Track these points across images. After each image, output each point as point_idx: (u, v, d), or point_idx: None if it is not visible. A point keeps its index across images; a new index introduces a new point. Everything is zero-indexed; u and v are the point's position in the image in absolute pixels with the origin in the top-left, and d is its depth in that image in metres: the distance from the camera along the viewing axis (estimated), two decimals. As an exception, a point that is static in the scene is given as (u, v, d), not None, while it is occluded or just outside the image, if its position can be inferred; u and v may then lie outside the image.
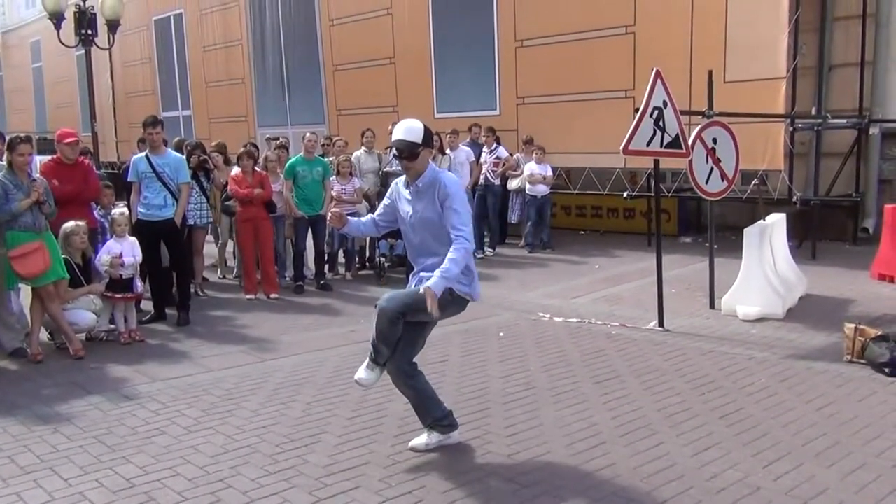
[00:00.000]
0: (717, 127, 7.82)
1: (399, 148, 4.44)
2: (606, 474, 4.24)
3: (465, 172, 11.66)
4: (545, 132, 12.61)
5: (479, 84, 13.90)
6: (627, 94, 11.65)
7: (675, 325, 7.40)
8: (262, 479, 4.26)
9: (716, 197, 7.96)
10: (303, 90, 17.13)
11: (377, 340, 4.44)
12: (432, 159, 11.91)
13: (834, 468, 4.26)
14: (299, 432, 4.93)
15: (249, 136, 17.34)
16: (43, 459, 4.60)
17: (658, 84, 7.11)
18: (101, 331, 7.36)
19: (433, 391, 4.66)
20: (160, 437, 4.90)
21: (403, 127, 4.49)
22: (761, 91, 10.52)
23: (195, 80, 19.94)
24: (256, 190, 9.01)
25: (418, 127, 4.47)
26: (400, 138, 4.44)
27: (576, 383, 5.80)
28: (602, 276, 10.12)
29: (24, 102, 27.37)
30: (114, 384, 6.05)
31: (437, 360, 6.40)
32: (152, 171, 7.87)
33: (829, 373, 5.91)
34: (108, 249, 7.30)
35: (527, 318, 7.93)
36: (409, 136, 4.43)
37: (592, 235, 13.97)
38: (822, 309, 7.93)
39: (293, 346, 7.09)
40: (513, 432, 4.87)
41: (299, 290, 9.49)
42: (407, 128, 4.47)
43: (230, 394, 5.73)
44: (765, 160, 10.61)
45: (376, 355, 4.50)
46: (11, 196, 6.47)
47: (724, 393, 5.51)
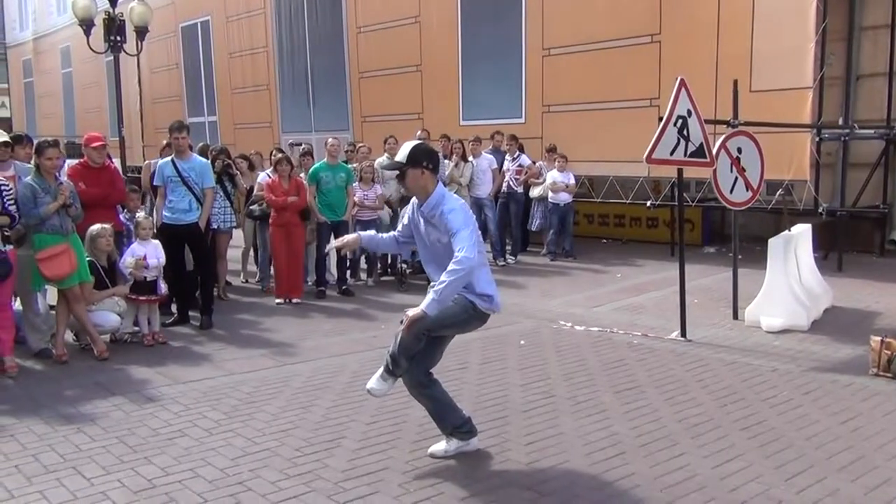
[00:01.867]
0: (742, 136, 7.77)
1: (391, 168, 4.63)
2: (626, 484, 4.21)
3: (488, 179, 11.68)
4: (569, 140, 12.60)
5: (505, 92, 13.92)
6: (652, 102, 11.60)
7: (697, 335, 7.34)
8: (282, 483, 4.27)
9: (740, 207, 7.91)
10: (328, 97, 17.25)
11: (397, 353, 4.43)
12: (455, 167, 11.92)
13: (858, 482, 4.20)
14: (319, 436, 4.95)
15: (274, 142, 17.48)
16: (66, 459, 4.65)
17: (682, 93, 7.07)
18: (125, 333, 7.43)
19: (450, 399, 4.65)
20: (181, 439, 4.94)
21: (399, 148, 4.62)
22: (787, 101, 10.44)
23: (221, 87, 20.14)
24: (291, 197, 9.07)
25: (406, 147, 4.52)
26: (394, 160, 4.61)
27: (596, 393, 5.77)
28: (624, 286, 10.07)
29: (53, 107, 27.78)
30: (137, 385, 6.11)
31: (457, 368, 6.39)
32: (178, 176, 7.95)
33: (854, 386, 5.84)
34: (133, 252, 7.38)
35: (548, 326, 7.90)
36: (398, 157, 4.53)
37: (615, 244, 13.91)
38: (848, 321, 7.83)
39: (314, 350, 7.12)
40: (532, 440, 4.85)
41: (321, 296, 9.53)
42: (401, 148, 4.57)
43: (251, 397, 5.77)
44: (790, 170, 10.52)
45: (393, 366, 4.47)
46: (40, 200, 6.56)
47: (746, 405, 5.46)
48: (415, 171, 4.45)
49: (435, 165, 4.53)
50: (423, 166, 4.44)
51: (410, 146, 4.52)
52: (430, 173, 4.47)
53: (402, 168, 4.47)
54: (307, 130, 17.46)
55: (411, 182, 4.48)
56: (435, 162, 4.55)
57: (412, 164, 4.44)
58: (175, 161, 8.02)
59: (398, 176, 4.61)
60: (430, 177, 4.47)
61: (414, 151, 4.47)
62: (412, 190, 4.54)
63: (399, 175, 4.57)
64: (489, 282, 4.52)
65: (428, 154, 4.52)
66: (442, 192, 4.50)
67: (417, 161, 4.44)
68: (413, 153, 4.45)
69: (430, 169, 4.46)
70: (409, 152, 4.46)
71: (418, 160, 4.44)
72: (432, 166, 4.49)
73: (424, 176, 4.45)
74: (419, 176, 4.45)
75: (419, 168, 4.44)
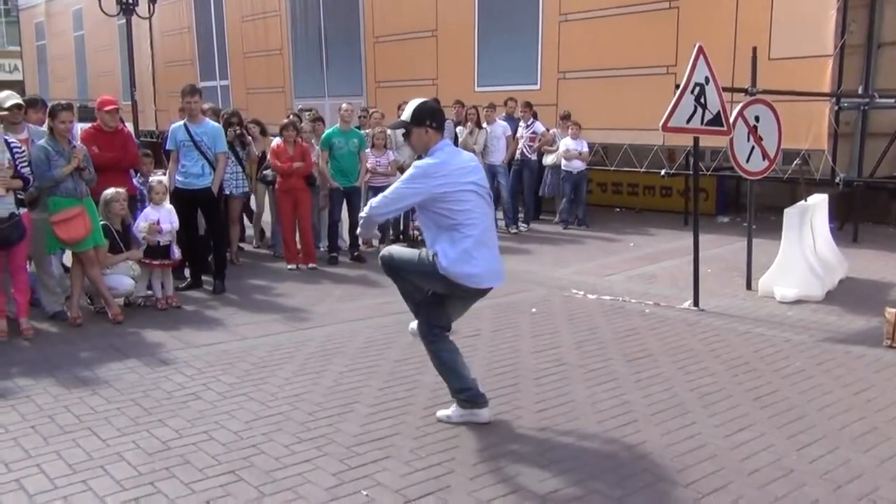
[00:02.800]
0: (759, 105, 7.66)
1: (396, 127, 4.70)
2: (637, 452, 4.22)
3: (502, 146, 11.61)
4: (584, 108, 12.48)
5: (520, 58, 13.76)
6: (669, 70, 11.45)
7: (710, 305, 7.32)
8: (294, 446, 4.31)
9: (756, 176, 7.83)
10: (341, 62, 17.11)
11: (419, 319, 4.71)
12: (469, 134, 11.84)
13: (870, 453, 4.19)
14: (331, 401, 4.98)
15: (286, 106, 17.40)
16: (82, 420, 4.70)
17: (700, 60, 6.97)
18: (139, 296, 7.48)
19: (454, 362, 4.60)
20: (195, 402, 4.98)
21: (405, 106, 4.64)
22: (807, 69, 10.28)
23: (233, 51, 20.01)
24: (296, 164, 9.03)
25: (411, 106, 4.54)
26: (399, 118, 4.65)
27: (608, 361, 5.77)
28: (637, 255, 10.03)
29: (66, 70, 27.69)
30: (150, 349, 6.16)
31: (469, 335, 6.40)
32: (190, 140, 7.93)
33: (867, 357, 5.81)
34: (146, 216, 7.39)
35: (560, 294, 7.90)
36: (403, 115, 4.56)
37: (628, 213, 13.84)
38: (863, 292, 7.79)
39: (326, 316, 7.14)
40: (543, 408, 4.86)
41: (333, 261, 9.54)
42: (406, 107, 4.57)
43: (263, 361, 5.80)
44: (808, 140, 10.40)
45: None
46: (53, 162, 6.57)
47: (758, 375, 5.45)
48: (419, 130, 4.48)
49: (439, 124, 4.53)
50: (427, 125, 4.47)
51: (415, 104, 4.54)
52: (434, 131, 4.49)
53: (407, 126, 4.52)
54: (320, 95, 17.35)
55: (415, 140, 4.53)
56: (439, 120, 4.54)
57: (416, 122, 4.48)
58: (188, 125, 7.99)
59: (404, 134, 4.67)
60: (433, 135, 4.49)
61: (418, 110, 4.49)
62: (416, 148, 4.60)
63: (405, 133, 4.62)
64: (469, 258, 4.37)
65: (432, 112, 4.52)
66: (443, 148, 4.49)
67: (421, 120, 4.47)
68: (417, 112, 4.48)
69: (433, 127, 4.49)
70: (413, 111, 4.49)
71: (422, 119, 4.47)
72: (436, 125, 4.50)
73: (429, 134, 4.48)
74: (423, 134, 4.49)
75: (423, 127, 4.47)
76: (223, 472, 4.01)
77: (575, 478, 3.92)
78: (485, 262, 4.44)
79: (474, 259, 4.40)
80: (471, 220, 4.41)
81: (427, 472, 3.99)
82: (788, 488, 3.80)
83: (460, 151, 4.79)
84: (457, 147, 5.03)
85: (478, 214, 4.45)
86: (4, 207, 6.16)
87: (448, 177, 4.37)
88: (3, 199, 6.14)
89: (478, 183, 4.53)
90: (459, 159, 4.57)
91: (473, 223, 4.42)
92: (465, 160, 4.61)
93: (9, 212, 6.18)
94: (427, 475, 3.96)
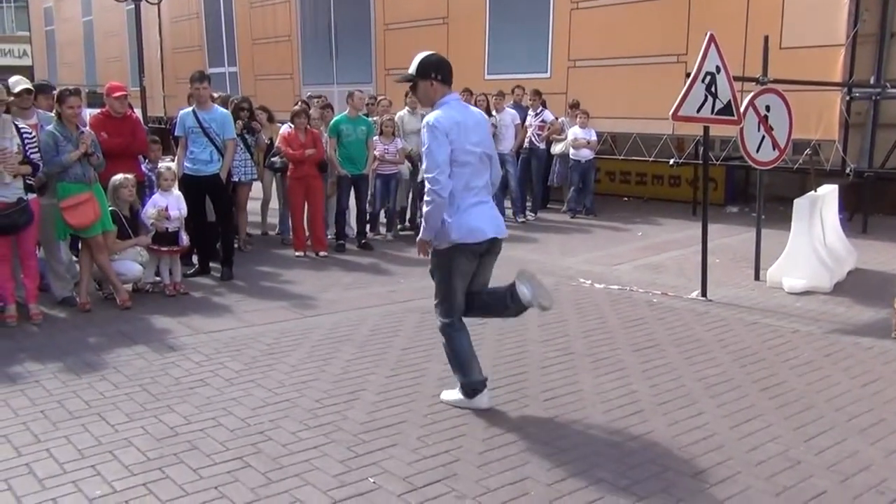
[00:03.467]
0: (771, 94, 7.61)
1: (402, 80, 4.62)
2: (643, 442, 4.22)
3: (510, 135, 11.56)
4: (594, 96, 12.43)
5: (531, 46, 13.71)
6: (679, 58, 11.40)
7: (718, 295, 7.30)
8: (301, 433, 4.32)
9: (766, 166, 7.79)
10: (351, 49, 17.06)
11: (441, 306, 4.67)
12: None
13: (878, 445, 4.18)
14: (338, 389, 4.99)
15: (295, 93, 17.37)
16: (90, 405, 4.72)
17: (712, 49, 6.92)
18: (147, 283, 7.50)
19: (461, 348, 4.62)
20: (203, 388, 5.00)
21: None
22: (818, 58, 10.21)
23: (242, 37, 19.98)
24: (308, 151, 9.02)
25: (418, 58, 4.55)
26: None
27: (615, 351, 5.76)
28: (645, 244, 10.00)
29: (74, 55, 27.70)
30: (159, 335, 6.18)
31: (476, 323, 6.37)
32: (199, 127, 7.92)
33: (876, 349, 5.79)
34: (154, 203, 7.40)
35: (567, 283, 7.88)
36: (410, 69, 4.55)
37: (636, 202, 13.80)
38: (872, 284, 7.75)
39: (334, 303, 7.15)
40: (550, 397, 4.86)
41: (341, 249, 9.55)
42: (413, 60, 4.57)
43: (271, 348, 5.81)
44: (819, 130, 10.33)
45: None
46: (62, 148, 6.57)
47: (766, 365, 5.44)
48: (424, 83, 4.51)
49: (444, 76, 4.52)
50: (433, 77, 4.49)
51: (421, 57, 4.55)
52: (440, 84, 4.51)
53: (413, 79, 4.53)
54: (329, 82, 17.32)
55: (422, 94, 4.56)
56: (444, 72, 4.53)
57: (421, 75, 4.50)
58: (196, 112, 7.98)
59: (410, 87, 4.66)
60: (439, 87, 4.51)
61: (423, 63, 4.51)
62: (423, 102, 4.64)
63: (411, 87, 4.63)
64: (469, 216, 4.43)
65: (437, 65, 4.52)
66: (448, 102, 4.48)
67: (426, 72, 4.49)
68: (422, 64, 4.50)
69: (439, 80, 4.50)
70: (418, 63, 4.51)
71: (427, 72, 4.49)
72: (441, 77, 4.50)
73: (434, 87, 4.50)
74: (429, 87, 4.51)
75: (429, 80, 4.50)
76: (231, 458, 4.03)
77: (581, 467, 3.93)
78: (485, 217, 4.50)
79: (473, 216, 4.44)
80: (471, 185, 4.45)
81: (434, 460, 3.99)
82: (795, 479, 3.80)
83: (467, 107, 4.72)
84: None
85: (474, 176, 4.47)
86: (13, 192, 6.18)
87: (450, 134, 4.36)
88: (12, 184, 6.16)
89: (478, 143, 4.48)
90: (463, 114, 4.51)
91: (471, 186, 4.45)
92: (469, 116, 4.56)
93: (17, 197, 6.19)
94: (434, 463, 3.96)
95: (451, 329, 4.63)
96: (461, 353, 4.62)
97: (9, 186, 6.14)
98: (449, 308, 4.61)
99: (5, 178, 6.09)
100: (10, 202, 6.16)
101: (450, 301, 4.59)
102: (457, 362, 4.65)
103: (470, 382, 4.62)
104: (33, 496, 3.65)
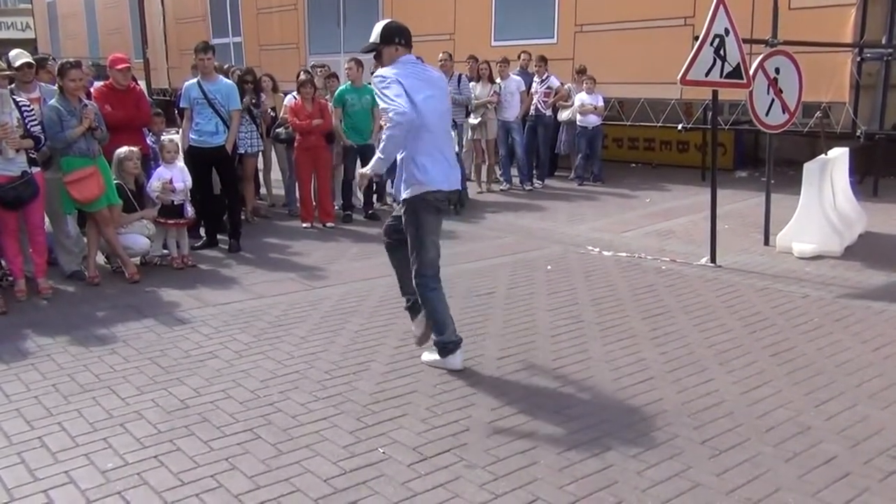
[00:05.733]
0: (780, 56, 7.49)
1: (366, 51, 4.74)
2: (653, 409, 4.22)
3: (516, 102, 11.45)
4: (601, 61, 12.26)
5: (537, 12, 13.53)
6: (687, 21, 11.23)
7: (727, 261, 7.26)
8: (311, 405, 4.33)
9: (776, 130, 7.70)
10: (358, 17, 16.83)
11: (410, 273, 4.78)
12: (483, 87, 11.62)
13: (889, 409, 4.17)
14: (347, 360, 5.00)
15: (300, 63, 17.21)
16: (101, 378, 4.74)
17: (720, 10, 6.80)
18: (155, 256, 7.50)
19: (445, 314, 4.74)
20: (212, 361, 5.01)
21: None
22: (829, 18, 10.04)
23: (246, 7, 19.76)
24: (315, 121, 8.95)
25: (379, 26, 4.65)
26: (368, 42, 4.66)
27: (624, 318, 5.74)
28: (653, 210, 9.94)
29: (77, 28, 27.48)
30: (167, 308, 6.19)
31: (484, 293, 6.39)
32: (204, 98, 7.87)
33: (887, 313, 5.76)
34: (159, 175, 7.38)
35: (575, 251, 7.85)
36: (371, 38, 4.64)
37: (644, 168, 13.69)
38: (883, 247, 7.69)
39: (341, 274, 7.14)
40: (560, 365, 4.86)
41: (347, 220, 9.52)
42: (373, 30, 4.66)
43: (280, 320, 5.82)
44: (829, 92, 10.19)
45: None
46: (65, 122, 6.53)
47: (776, 331, 5.41)
48: (389, 49, 4.62)
49: (406, 40, 4.66)
50: (397, 42, 4.60)
51: (382, 25, 4.66)
52: (403, 48, 4.62)
53: (378, 48, 4.62)
54: (336, 52, 17.14)
55: (387, 59, 4.61)
56: (406, 37, 4.66)
57: (386, 41, 4.61)
58: (201, 83, 7.93)
59: (375, 56, 4.69)
60: (402, 52, 4.62)
61: (386, 29, 4.64)
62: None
63: (376, 55, 4.67)
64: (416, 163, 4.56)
65: (399, 30, 4.65)
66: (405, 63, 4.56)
67: (390, 38, 4.61)
68: (385, 31, 4.62)
69: (402, 44, 4.62)
70: (381, 31, 4.62)
71: (391, 37, 4.61)
72: (404, 41, 4.63)
73: (399, 52, 4.61)
74: (394, 52, 4.61)
75: (393, 45, 4.61)
76: (241, 429, 4.04)
77: (591, 434, 3.93)
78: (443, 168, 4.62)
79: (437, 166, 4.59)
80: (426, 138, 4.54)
81: (444, 430, 4.00)
82: (806, 445, 3.79)
83: (419, 62, 4.73)
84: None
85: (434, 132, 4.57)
86: (17, 167, 6.16)
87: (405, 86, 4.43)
88: (15, 158, 6.14)
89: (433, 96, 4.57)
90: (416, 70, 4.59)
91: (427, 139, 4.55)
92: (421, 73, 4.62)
93: (21, 170, 6.18)
94: (444, 433, 3.97)
95: (425, 289, 4.72)
96: (438, 311, 4.73)
97: (12, 161, 6.12)
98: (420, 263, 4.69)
99: (8, 153, 6.07)
100: (15, 175, 6.14)
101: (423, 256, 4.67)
102: (432, 318, 4.76)
103: (443, 341, 4.73)
104: (46, 468, 3.68)
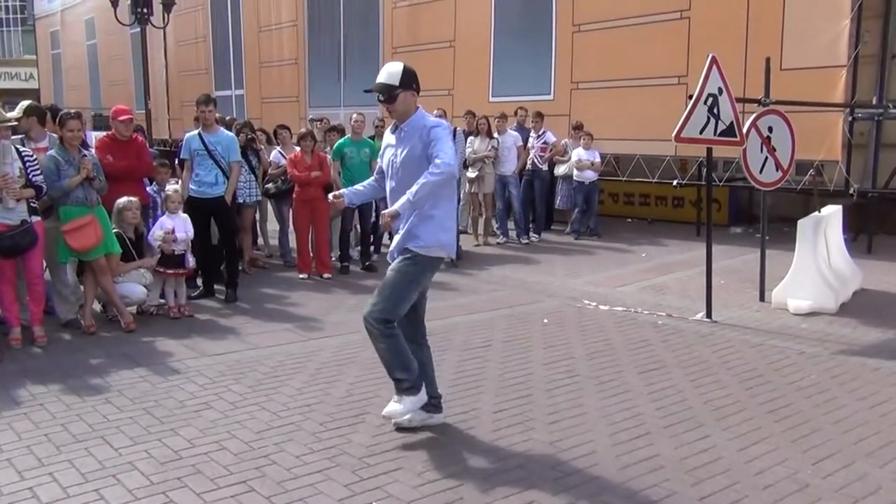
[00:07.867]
0: (773, 115, 7.64)
1: (378, 91, 4.51)
2: (650, 465, 4.19)
3: (513, 157, 11.62)
4: (597, 118, 12.48)
5: (535, 69, 13.83)
6: (681, 80, 11.45)
7: (723, 316, 7.27)
8: (306, 457, 4.30)
9: (770, 187, 7.80)
10: (359, 72, 17.13)
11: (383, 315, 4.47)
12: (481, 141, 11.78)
13: (887, 468, 4.15)
14: (343, 412, 4.97)
15: (300, 116, 17.45)
16: (94, 428, 4.71)
17: (714, 70, 6.96)
18: (151, 305, 7.50)
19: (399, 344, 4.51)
20: (207, 412, 4.98)
21: (384, 70, 4.56)
22: (820, 79, 10.25)
23: (249, 60, 20.13)
24: (314, 173, 9.05)
25: (397, 69, 4.50)
26: (379, 81, 4.52)
27: (620, 373, 5.74)
28: (649, 265, 9.99)
29: (79, 79, 27.88)
30: (163, 357, 6.17)
31: (480, 346, 6.39)
32: (205, 149, 7.97)
33: (882, 370, 5.76)
34: (161, 225, 7.42)
35: (571, 305, 7.87)
36: (387, 80, 4.48)
37: (640, 223, 13.80)
38: (878, 304, 7.73)
39: (338, 325, 7.14)
40: (555, 420, 4.84)
41: (345, 271, 9.55)
42: (387, 71, 4.53)
43: (275, 371, 5.80)
44: (822, 150, 10.35)
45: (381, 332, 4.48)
46: (63, 172, 6.60)
47: (772, 387, 5.41)
48: (406, 94, 4.48)
49: (419, 86, 4.58)
50: (414, 88, 4.53)
51: (398, 68, 4.50)
52: (416, 94, 4.55)
53: (395, 91, 4.44)
54: (336, 105, 17.42)
55: (401, 103, 4.48)
56: (418, 83, 4.58)
57: (406, 85, 4.47)
58: (202, 134, 8.03)
59: (387, 99, 4.47)
60: (414, 98, 4.54)
61: (407, 73, 4.49)
62: (400, 112, 4.51)
63: (388, 98, 4.46)
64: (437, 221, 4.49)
65: (415, 76, 4.56)
66: (424, 113, 4.54)
67: (409, 83, 4.49)
68: (406, 74, 4.48)
69: (416, 90, 4.54)
70: (401, 74, 4.46)
71: (410, 82, 4.49)
72: (416, 86, 4.55)
73: (414, 98, 4.53)
74: (410, 98, 4.50)
75: (411, 90, 4.50)
76: (235, 482, 4.00)
77: (587, 491, 3.90)
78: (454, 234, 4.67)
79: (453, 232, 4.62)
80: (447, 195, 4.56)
81: (439, 484, 3.97)
82: (804, 503, 3.77)
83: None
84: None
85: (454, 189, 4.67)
86: (16, 215, 6.20)
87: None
88: (15, 207, 6.18)
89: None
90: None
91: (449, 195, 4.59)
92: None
93: (20, 219, 6.22)
94: (439, 487, 3.94)
95: (391, 330, 4.47)
96: (404, 349, 4.49)
97: (13, 210, 6.17)
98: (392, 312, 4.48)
99: (9, 203, 6.13)
100: (14, 224, 6.18)
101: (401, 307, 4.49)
102: (399, 361, 4.48)
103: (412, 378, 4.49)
104: (36, 521, 3.64)
